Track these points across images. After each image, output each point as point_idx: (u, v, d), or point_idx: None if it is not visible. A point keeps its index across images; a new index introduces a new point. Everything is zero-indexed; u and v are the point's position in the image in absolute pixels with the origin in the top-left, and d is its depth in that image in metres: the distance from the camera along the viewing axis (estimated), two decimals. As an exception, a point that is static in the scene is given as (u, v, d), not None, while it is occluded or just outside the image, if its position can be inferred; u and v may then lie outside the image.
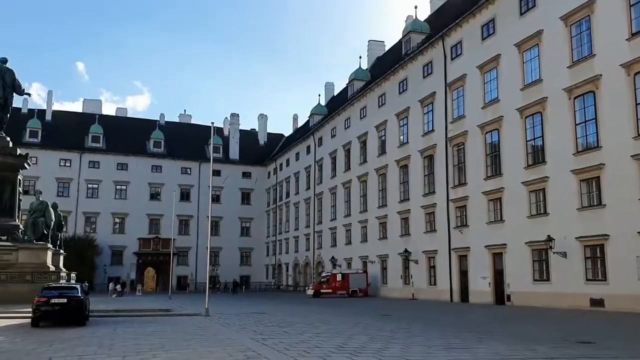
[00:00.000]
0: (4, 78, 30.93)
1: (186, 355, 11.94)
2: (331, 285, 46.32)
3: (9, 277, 27.51)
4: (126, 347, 13.31)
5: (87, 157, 66.38)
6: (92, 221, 65.65)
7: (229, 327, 18.64)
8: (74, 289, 19.76)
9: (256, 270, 72.98)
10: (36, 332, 16.99)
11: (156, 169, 69.10)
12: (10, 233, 29.66)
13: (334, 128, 58.59)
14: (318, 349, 12.87)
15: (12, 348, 13.20)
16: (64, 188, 64.43)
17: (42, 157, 61.00)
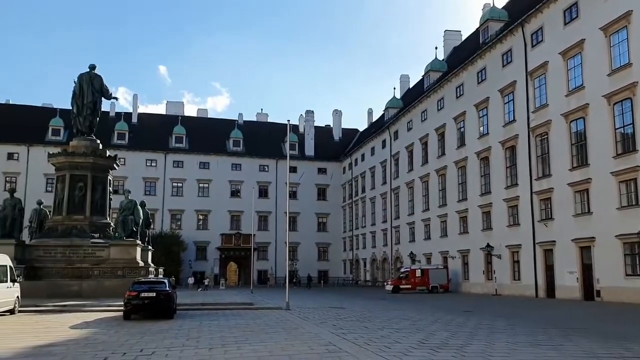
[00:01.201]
0: (92, 83, 32.72)
1: (269, 348, 12.18)
2: (410, 280, 45.86)
3: (102, 273, 29.15)
4: (212, 339, 13.75)
5: (172, 157, 69.05)
6: (177, 218, 68.28)
7: (309, 321, 18.85)
8: (162, 284, 20.60)
9: (334, 265, 73.40)
10: (128, 324, 17.85)
11: (236, 167, 70.90)
12: (102, 231, 31.42)
13: (410, 121, 57.85)
14: (398, 344, 12.77)
15: (107, 340, 13.94)
16: (150, 187, 67.37)
17: (130, 158, 64.02)
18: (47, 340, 13.78)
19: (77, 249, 29.88)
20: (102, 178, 32.36)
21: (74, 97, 32.60)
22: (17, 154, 63.93)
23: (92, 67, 33.05)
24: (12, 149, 63.82)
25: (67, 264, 29.26)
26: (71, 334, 15.17)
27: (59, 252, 29.77)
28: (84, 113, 32.56)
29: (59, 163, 31.86)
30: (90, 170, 31.59)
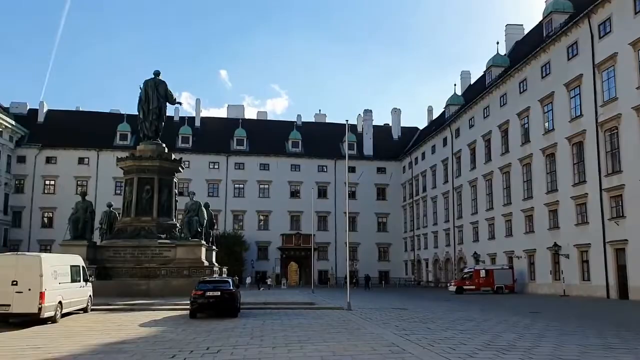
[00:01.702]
0: (157, 89, 33.77)
1: (332, 348, 12.21)
2: (474, 281, 44.92)
3: (169, 272, 30.02)
4: (275, 338, 13.93)
5: (233, 160, 70.40)
6: (239, 219, 69.55)
7: (371, 321, 18.78)
8: (226, 283, 21.05)
9: (395, 265, 72.80)
10: (194, 322, 18.33)
11: (295, 168, 71.51)
12: (169, 231, 32.37)
13: (472, 118, 56.69)
14: (463, 345, 12.55)
15: (175, 337, 14.36)
16: (213, 189, 68.93)
17: (194, 161, 65.68)
18: (118, 337, 14.33)
19: (145, 249, 30.91)
20: (168, 180, 33.34)
21: (140, 103, 33.74)
22: (88, 159, 66.78)
23: (156, 74, 34.11)
24: (83, 154, 66.72)
25: (135, 264, 30.31)
26: (141, 332, 15.71)
27: (128, 253, 30.89)
28: (150, 118, 33.65)
29: (127, 167, 33.06)
30: (157, 173, 32.60)
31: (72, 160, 66.16)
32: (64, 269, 18.88)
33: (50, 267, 17.49)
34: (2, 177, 62.11)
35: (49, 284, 17.05)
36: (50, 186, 66.01)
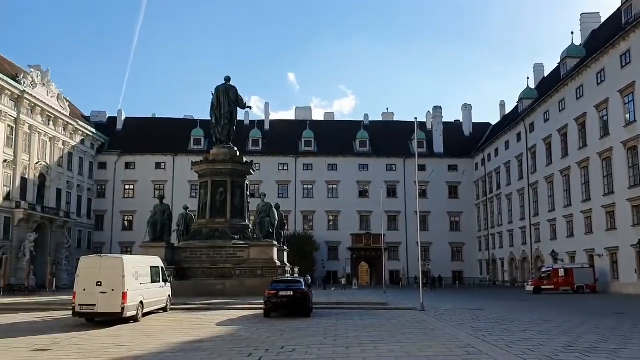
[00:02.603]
0: (228, 95, 34.64)
1: (405, 349, 12.10)
2: (553, 280, 43.27)
3: (243, 272, 30.69)
4: (349, 338, 13.95)
5: (302, 161, 71.11)
6: (309, 219, 70.15)
7: (445, 322, 18.47)
8: (298, 283, 21.28)
9: (469, 265, 71.20)
10: (268, 322, 18.64)
11: (363, 167, 71.34)
12: (242, 232, 33.10)
13: (547, 112, 54.64)
14: (543, 347, 12.12)
15: (250, 336, 14.66)
16: (283, 190, 69.88)
17: (264, 163, 66.88)
18: (197, 336, 14.78)
19: (220, 250, 31.75)
20: (240, 183, 34.12)
21: (213, 108, 34.72)
22: (164, 164, 69.35)
23: (227, 79, 34.99)
24: (160, 159, 69.36)
25: (211, 265, 31.18)
26: (217, 330, 16.14)
27: (204, 254, 31.82)
28: (222, 123, 34.56)
29: (201, 170, 34.09)
30: (230, 176, 33.43)
31: (149, 165, 68.89)
32: (144, 269, 19.67)
33: (131, 268, 18.26)
34: (85, 183, 65.59)
35: (130, 285, 17.80)
36: (129, 190, 69.03)
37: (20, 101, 52.34)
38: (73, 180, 62.69)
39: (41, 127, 55.88)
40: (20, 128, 52.33)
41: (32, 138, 54.37)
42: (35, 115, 54.85)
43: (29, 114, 53.89)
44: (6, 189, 50.53)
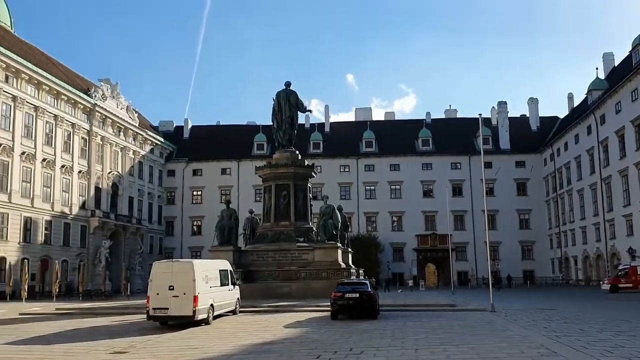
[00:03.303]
0: (289, 99, 35.07)
1: (476, 350, 11.87)
2: (631, 279, 41.24)
3: (308, 274, 30.91)
4: (417, 340, 13.81)
5: (363, 162, 70.94)
6: (372, 220, 69.88)
7: (517, 322, 17.98)
8: (364, 285, 21.25)
9: (540, 264, 68.87)
10: (335, 324, 18.71)
11: (426, 166, 70.39)
12: (306, 235, 33.35)
13: (618, 102, 52.20)
14: (622, 348, 11.60)
15: (318, 338, 14.76)
16: (345, 191, 69.96)
17: (325, 165, 67.08)
18: (266, 338, 15.02)
19: (285, 252, 32.13)
20: (302, 186, 34.45)
21: (274, 113, 35.27)
22: (229, 169, 70.94)
23: (287, 84, 35.45)
24: (225, 165, 71.01)
25: (277, 267, 31.59)
26: (286, 332, 16.34)
27: (270, 256, 32.29)
28: (283, 127, 35.03)
29: (264, 175, 34.65)
30: (292, 180, 33.82)
31: (215, 171, 70.64)
32: (213, 273, 20.16)
33: (201, 272, 18.75)
34: (155, 191, 68.02)
35: (201, 288, 18.28)
36: (197, 196, 71.01)
37: (92, 114, 54.92)
38: (144, 188, 65.12)
39: (112, 138, 58.41)
40: (93, 140, 54.92)
41: (104, 149, 56.93)
42: (106, 127, 57.39)
43: (101, 126, 56.43)
44: (82, 198, 53.07)
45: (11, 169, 43.90)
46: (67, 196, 50.96)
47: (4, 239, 42.71)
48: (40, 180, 47.29)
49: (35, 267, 44.84)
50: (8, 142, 43.67)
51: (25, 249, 44.70)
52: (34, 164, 46.55)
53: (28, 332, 17.38)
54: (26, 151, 45.62)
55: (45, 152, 48.08)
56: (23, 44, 53.09)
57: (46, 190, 48.16)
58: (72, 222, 51.31)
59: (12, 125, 44.31)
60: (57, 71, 52.89)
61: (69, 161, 51.41)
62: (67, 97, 51.24)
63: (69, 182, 51.39)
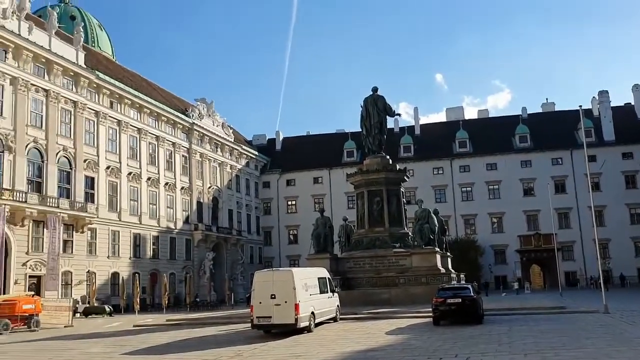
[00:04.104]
0: (377, 104, 34.99)
1: (591, 355, 11.22)
2: None
3: (407, 280, 30.55)
4: (525, 345, 13.25)
5: (457, 163, 69.28)
6: (470, 223, 67.96)
7: (635, 324, 16.83)
8: (466, 289, 20.73)
9: (657, 261, 63.97)
10: (438, 330, 18.35)
11: (525, 164, 67.54)
12: (402, 240, 33.01)
13: None
14: None
15: (421, 345, 14.53)
16: (440, 194, 68.55)
17: (417, 169, 66.05)
18: (368, 345, 14.98)
19: (381, 259, 31.96)
20: (395, 191, 34.18)
21: (362, 119, 35.32)
22: (321, 178, 71.76)
23: (374, 90, 35.40)
24: (316, 173, 71.93)
25: (374, 274, 31.48)
26: (388, 339, 16.22)
27: (366, 263, 32.25)
28: (372, 133, 34.99)
29: (356, 181, 34.73)
30: (384, 185, 33.64)
31: (308, 180, 71.72)
32: (312, 281, 20.42)
33: (300, 280, 19.05)
34: (252, 202, 70.18)
35: (301, 296, 18.56)
36: (292, 206, 72.43)
37: (190, 133, 57.65)
38: (242, 201, 67.37)
39: (210, 154, 60.97)
40: (192, 157, 57.63)
41: (204, 165, 59.55)
42: (204, 144, 60.02)
43: (199, 143, 59.08)
44: (185, 213, 55.69)
45: (120, 189, 46.89)
46: (172, 212, 53.65)
47: (117, 255, 45.58)
48: (146, 198, 50.12)
49: (145, 281, 47.50)
50: (116, 164, 46.68)
51: (136, 264, 47.47)
52: (139, 183, 49.44)
53: (143, 343, 18.40)
54: (132, 171, 48.57)
55: (149, 171, 50.95)
56: (124, 71, 56.71)
57: (152, 207, 50.96)
58: (177, 237, 53.92)
59: (119, 148, 47.34)
60: (156, 94, 56.00)
61: (172, 178, 54.16)
62: (167, 118, 54.11)
63: (173, 198, 54.12)
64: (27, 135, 37.79)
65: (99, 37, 67.16)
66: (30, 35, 38.78)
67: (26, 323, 26.77)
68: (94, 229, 42.98)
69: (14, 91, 37.23)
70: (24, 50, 38.04)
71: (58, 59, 40.72)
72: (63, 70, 41.36)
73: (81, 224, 41.04)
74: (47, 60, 40.00)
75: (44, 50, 39.57)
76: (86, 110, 43.72)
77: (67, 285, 39.50)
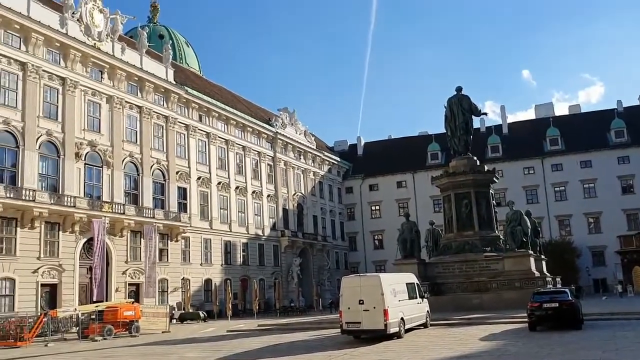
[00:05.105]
0: (461, 105, 34.15)
1: None
2: None
3: (499, 285, 29.55)
4: (632, 351, 12.46)
5: (549, 161, 66.37)
6: (565, 224, 64.87)
7: None
8: (563, 293, 19.86)
9: None
10: (534, 335, 17.61)
11: (622, 160, 63.65)
12: (493, 244, 31.99)
13: None
14: None
15: (518, 351, 13.99)
16: (531, 195, 65.90)
17: (506, 169, 63.81)
18: (461, 351, 14.60)
19: (472, 263, 31.10)
20: (484, 193, 33.18)
21: (447, 120, 34.59)
22: (405, 182, 71.01)
23: (458, 90, 34.61)
24: (400, 177, 71.25)
25: (465, 279, 30.68)
26: (482, 345, 15.74)
27: (456, 268, 31.49)
28: (457, 134, 34.17)
29: (442, 184, 34.02)
30: (472, 187, 32.73)
31: (391, 185, 71.19)
32: (400, 286, 20.20)
33: (389, 286, 18.89)
34: (336, 208, 70.60)
35: (390, 302, 18.40)
36: (376, 211, 72.12)
37: (274, 142, 58.95)
38: (325, 207, 67.94)
39: (294, 162, 62.02)
40: (277, 165, 58.87)
41: (288, 173, 60.67)
42: (288, 152, 61.17)
43: (283, 151, 60.27)
44: (271, 220, 56.90)
45: (210, 198, 48.62)
46: (259, 219, 54.95)
47: (209, 262, 47.20)
48: (235, 206, 51.65)
49: (236, 287, 48.85)
50: (206, 174, 48.46)
51: (227, 270, 48.95)
52: (228, 192, 51.03)
53: (236, 348, 18.91)
54: (221, 181, 50.22)
55: (237, 180, 52.49)
56: (211, 85, 58.89)
57: (241, 215, 52.41)
58: (265, 243, 55.13)
59: (208, 159, 49.14)
60: (241, 106, 57.70)
61: (258, 187, 55.52)
62: (252, 128, 55.61)
63: (260, 205, 55.44)
64: (123, 150, 40.00)
65: (186, 54, 70.07)
66: (123, 55, 41.08)
67: (127, 329, 28.26)
68: (187, 238, 44.76)
69: (110, 109, 39.55)
70: (118, 70, 40.34)
71: (149, 76, 42.90)
72: (154, 87, 43.51)
73: (175, 233, 42.85)
74: (139, 78, 42.22)
75: (136, 69, 41.81)
76: (177, 124, 45.74)
77: (163, 292, 41.30)
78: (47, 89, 35.30)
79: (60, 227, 34.33)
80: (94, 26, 38.97)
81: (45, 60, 35.34)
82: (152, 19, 72.78)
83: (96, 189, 37.76)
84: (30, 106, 33.73)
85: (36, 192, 32.45)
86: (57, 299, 33.28)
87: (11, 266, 31.18)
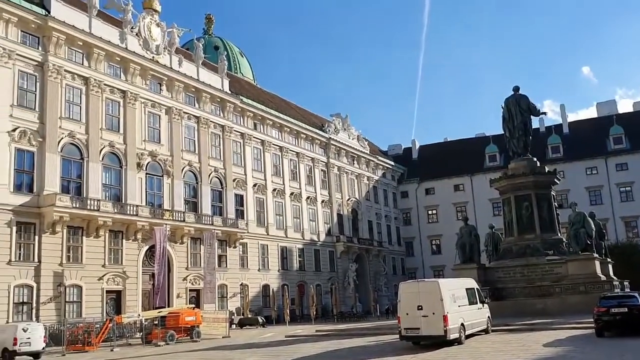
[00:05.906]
0: (519, 105, 33.30)
1: None
2: None
3: (563, 289, 28.58)
4: None
5: (613, 161, 63.80)
6: (632, 225, 62.10)
7: None
8: (632, 297, 19.03)
9: None
10: (602, 342, 16.98)
11: (694, 157, 60.64)
12: (555, 247, 30.97)
13: None
14: None
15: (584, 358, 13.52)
16: (595, 196, 63.50)
17: (568, 170, 61.84)
18: (524, 358, 14.21)
19: (533, 267, 30.20)
20: (545, 195, 32.22)
21: (504, 121, 33.79)
22: (462, 185, 69.75)
23: (516, 89, 33.78)
24: (457, 181, 70.03)
25: (527, 283, 29.82)
26: (546, 352, 15.27)
27: (517, 272, 30.63)
28: (516, 135, 33.32)
29: (501, 187, 33.22)
30: (533, 189, 31.84)
31: (448, 188, 70.08)
32: (460, 292, 19.83)
33: (448, 291, 18.58)
34: (391, 213, 70.08)
35: (449, 307, 18.09)
36: (432, 215, 71.17)
37: (328, 147, 59.16)
38: (380, 211, 67.57)
39: (347, 167, 62.04)
40: (330, 171, 59.04)
41: (342, 178, 60.73)
42: (341, 158, 61.25)
43: (336, 157, 60.41)
44: (326, 225, 57.05)
45: (266, 204, 49.27)
46: (314, 225, 55.22)
47: (266, 268, 47.76)
48: (290, 212, 52.10)
49: (293, 292, 49.20)
50: (261, 181, 49.14)
51: (284, 276, 49.38)
52: (283, 198, 51.55)
53: (296, 353, 19.03)
54: (276, 187, 50.81)
55: (292, 187, 52.95)
56: (265, 93, 59.72)
57: (296, 221, 52.80)
58: (321, 248, 55.32)
59: (263, 166, 49.84)
60: (294, 113, 58.24)
61: (313, 192, 55.82)
62: (306, 135, 56.03)
63: (314, 211, 55.71)
64: (182, 159, 41.08)
65: (241, 64, 71.40)
66: (181, 67, 42.25)
67: (189, 334, 28.93)
68: (244, 244, 45.48)
69: (169, 120, 40.72)
70: (176, 82, 41.51)
71: (206, 87, 43.95)
72: (211, 97, 44.53)
73: (233, 239, 43.62)
74: (196, 89, 43.31)
75: (193, 80, 42.92)
76: (233, 133, 46.63)
77: (222, 297, 42.08)
78: (109, 102, 36.70)
79: (124, 235, 35.54)
80: (152, 40, 40.26)
81: (107, 74, 36.77)
82: (207, 30, 74.58)
83: (157, 198, 38.91)
84: (94, 119, 35.14)
85: (100, 201, 33.72)
86: (121, 305, 34.43)
87: (78, 274, 32.48)
